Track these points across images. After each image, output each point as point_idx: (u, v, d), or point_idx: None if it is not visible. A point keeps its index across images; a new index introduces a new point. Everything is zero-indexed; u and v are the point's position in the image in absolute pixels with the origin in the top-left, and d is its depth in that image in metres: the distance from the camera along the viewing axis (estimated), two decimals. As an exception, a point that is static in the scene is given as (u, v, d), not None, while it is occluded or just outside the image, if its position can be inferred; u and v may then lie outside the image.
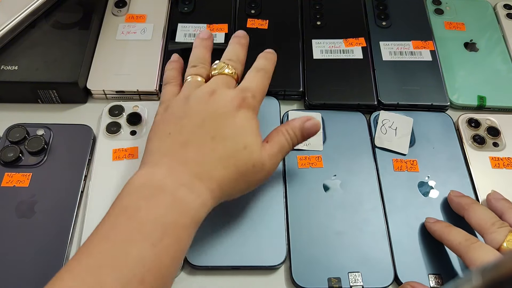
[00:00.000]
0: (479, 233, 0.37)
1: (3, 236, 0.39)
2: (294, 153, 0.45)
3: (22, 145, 0.43)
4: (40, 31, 0.49)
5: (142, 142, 0.44)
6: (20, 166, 0.43)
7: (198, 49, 0.42)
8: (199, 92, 0.37)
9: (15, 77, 0.46)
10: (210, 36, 0.44)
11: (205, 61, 0.41)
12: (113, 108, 0.47)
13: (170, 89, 0.40)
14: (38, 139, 0.44)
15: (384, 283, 0.38)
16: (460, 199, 0.41)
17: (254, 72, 0.40)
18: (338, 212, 0.42)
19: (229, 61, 0.40)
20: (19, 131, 0.44)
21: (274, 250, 0.39)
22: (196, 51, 0.42)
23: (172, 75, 0.42)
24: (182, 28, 0.53)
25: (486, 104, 0.49)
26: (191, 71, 0.40)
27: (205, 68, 0.40)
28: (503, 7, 0.58)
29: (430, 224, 0.40)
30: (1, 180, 0.42)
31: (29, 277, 0.37)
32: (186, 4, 0.55)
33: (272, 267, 0.39)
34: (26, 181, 0.42)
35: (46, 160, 0.43)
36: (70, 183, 0.42)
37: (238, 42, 0.42)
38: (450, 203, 0.42)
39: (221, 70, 0.39)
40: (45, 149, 0.44)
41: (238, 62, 0.40)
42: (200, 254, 0.39)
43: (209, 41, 0.43)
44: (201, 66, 0.40)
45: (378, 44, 0.53)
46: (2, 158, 0.43)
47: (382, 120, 0.47)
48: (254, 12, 0.55)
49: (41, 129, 0.45)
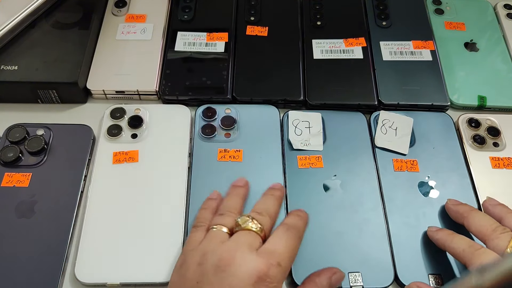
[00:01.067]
0: (481, 240, 0.37)
1: (3, 236, 0.39)
2: (294, 153, 0.45)
3: (22, 145, 0.43)
4: (40, 31, 0.49)
5: (143, 145, 0.44)
6: (20, 166, 0.43)
7: (231, 197, 0.40)
8: (217, 255, 0.33)
9: (15, 77, 0.46)
10: (246, 184, 0.42)
11: (235, 209, 0.39)
12: (114, 110, 0.46)
13: (194, 237, 0.37)
14: (38, 139, 0.44)
15: (384, 283, 0.38)
16: (458, 207, 0.40)
17: (284, 231, 0.36)
18: (338, 212, 0.42)
19: (256, 215, 0.37)
20: (19, 131, 0.44)
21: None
22: (228, 198, 0.40)
23: (204, 216, 0.39)
24: (182, 37, 0.52)
25: (487, 104, 0.49)
26: (217, 219, 0.37)
27: (232, 217, 0.37)
28: (503, 7, 0.58)
29: (433, 232, 0.39)
30: (1, 180, 0.42)
31: (28, 277, 0.37)
32: (186, 12, 0.55)
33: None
34: (26, 181, 0.42)
35: (46, 160, 0.43)
36: (70, 183, 0.42)
37: (272, 194, 0.40)
38: (448, 212, 0.41)
39: (245, 225, 0.35)
40: (45, 149, 0.44)
41: (267, 216, 0.37)
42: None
43: (244, 189, 0.41)
44: (228, 214, 0.38)
45: (378, 44, 0.53)
46: (2, 158, 0.43)
47: (382, 120, 0.47)
48: (254, 18, 0.54)
49: (41, 129, 0.45)
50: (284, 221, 0.37)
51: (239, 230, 0.36)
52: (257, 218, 0.36)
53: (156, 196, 0.42)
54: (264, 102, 0.48)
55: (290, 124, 0.47)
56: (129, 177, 0.43)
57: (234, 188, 0.41)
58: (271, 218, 0.38)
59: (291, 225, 0.37)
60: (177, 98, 0.48)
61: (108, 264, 0.38)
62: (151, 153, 0.44)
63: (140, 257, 0.39)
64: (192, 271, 0.34)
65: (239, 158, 0.44)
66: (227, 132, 0.46)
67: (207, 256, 0.34)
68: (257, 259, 0.33)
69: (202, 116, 0.47)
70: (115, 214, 0.41)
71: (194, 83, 0.49)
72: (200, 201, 0.41)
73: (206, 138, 0.45)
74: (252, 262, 0.33)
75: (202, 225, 0.38)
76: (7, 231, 0.39)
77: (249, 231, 0.35)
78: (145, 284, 0.38)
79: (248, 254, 0.33)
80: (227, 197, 0.40)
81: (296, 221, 0.37)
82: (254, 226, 0.35)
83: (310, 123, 0.47)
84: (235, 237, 0.35)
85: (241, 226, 0.36)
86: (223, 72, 0.50)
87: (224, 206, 0.39)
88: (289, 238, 0.35)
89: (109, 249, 0.39)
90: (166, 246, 0.39)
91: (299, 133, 0.46)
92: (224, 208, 0.39)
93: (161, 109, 0.47)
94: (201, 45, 0.52)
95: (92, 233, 0.40)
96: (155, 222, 0.40)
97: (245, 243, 0.34)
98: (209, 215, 0.39)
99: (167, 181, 0.43)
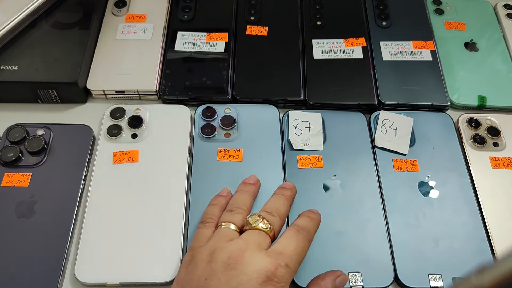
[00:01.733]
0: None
1: (3, 236, 0.39)
2: (294, 153, 0.45)
3: (22, 145, 0.43)
4: (40, 31, 0.49)
5: (143, 145, 0.44)
6: (20, 166, 0.43)
7: (240, 194, 0.40)
8: (226, 253, 0.33)
9: (15, 77, 0.46)
10: (257, 181, 0.42)
11: (244, 206, 0.39)
12: (114, 110, 0.46)
13: (203, 233, 0.37)
14: (38, 139, 0.44)
15: (384, 283, 0.38)
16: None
17: (294, 232, 0.36)
18: (338, 212, 0.42)
19: (266, 214, 0.37)
20: (19, 131, 0.44)
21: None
22: (238, 195, 0.40)
23: (212, 212, 0.39)
24: (182, 37, 0.52)
25: (487, 104, 0.49)
26: (226, 216, 0.37)
27: (242, 214, 0.38)
28: (503, 7, 0.58)
29: None
30: (1, 180, 0.42)
31: (29, 277, 0.37)
32: (186, 12, 0.55)
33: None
34: (26, 181, 0.42)
35: (46, 160, 0.43)
36: (70, 183, 0.42)
37: (283, 194, 0.40)
38: None
39: (256, 224, 0.36)
40: (45, 149, 0.44)
41: (277, 216, 0.37)
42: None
43: (254, 187, 0.41)
44: (238, 211, 0.38)
45: (378, 44, 0.53)
46: (2, 158, 0.43)
47: (382, 120, 0.47)
48: (254, 18, 0.54)
49: (41, 129, 0.45)
50: (295, 221, 0.38)
51: (249, 229, 0.36)
52: (267, 218, 0.36)
53: (156, 196, 0.42)
54: (264, 102, 0.48)
55: (290, 124, 0.47)
56: (129, 177, 0.43)
57: (244, 185, 0.41)
58: (281, 218, 0.38)
59: (301, 226, 0.37)
60: (177, 98, 0.48)
61: (108, 264, 0.38)
62: (151, 153, 0.44)
63: (140, 257, 0.39)
64: (201, 268, 0.33)
65: (239, 158, 0.44)
66: (227, 132, 0.46)
67: (216, 253, 0.34)
68: (266, 258, 0.33)
69: (202, 116, 0.47)
70: (115, 214, 0.41)
71: (194, 83, 0.49)
72: (200, 201, 0.41)
73: (206, 138, 0.45)
74: (261, 261, 0.33)
75: (210, 221, 0.38)
76: (7, 231, 0.39)
77: (259, 230, 0.35)
78: (145, 284, 0.38)
79: (257, 253, 0.33)
80: (236, 194, 0.40)
81: (307, 223, 0.37)
82: (264, 226, 0.36)
83: (310, 123, 0.47)
84: (245, 236, 0.35)
85: (252, 225, 0.36)
86: (223, 72, 0.50)
87: (233, 203, 0.39)
88: (298, 240, 0.35)
89: (109, 249, 0.39)
90: (166, 246, 0.39)
91: (299, 133, 0.46)
92: (233, 205, 0.39)
93: (161, 109, 0.47)
94: (201, 45, 0.52)
95: (92, 233, 0.40)
96: (155, 222, 0.40)
97: (255, 243, 0.34)
98: (217, 211, 0.39)
99: (167, 181, 0.43)
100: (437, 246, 0.40)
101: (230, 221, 0.37)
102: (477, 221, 0.42)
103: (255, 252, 0.34)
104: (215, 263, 0.33)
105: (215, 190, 0.42)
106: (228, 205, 0.39)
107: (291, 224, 0.37)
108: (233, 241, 0.35)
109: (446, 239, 0.40)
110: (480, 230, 0.41)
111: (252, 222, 0.36)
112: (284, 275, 0.33)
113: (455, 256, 0.40)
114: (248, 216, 0.37)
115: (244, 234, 0.36)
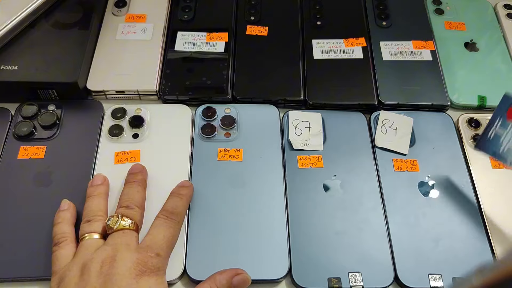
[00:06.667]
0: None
1: (23, 204, 0.41)
2: (294, 153, 0.45)
3: (35, 120, 0.45)
4: (40, 31, 0.49)
5: (144, 145, 0.45)
6: (34, 139, 0.44)
7: (91, 200, 0.39)
8: (97, 262, 0.33)
9: (15, 77, 0.46)
10: (104, 180, 0.41)
11: (100, 211, 0.38)
12: (115, 110, 0.47)
13: (61, 254, 0.35)
14: (51, 114, 0.45)
15: (384, 283, 0.38)
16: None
17: (162, 220, 0.37)
18: (338, 212, 0.42)
19: (124, 210, 0.37)
20: (30, 107, 0.46)
21: (277, 262, 0.39)
22: (89, 202, 0.39)
23: (62, 231, 0.37)
24: (182, 37, 0.52)
25: (487, 104, 0.49)
26: (85, 228, 0.37)
27: (100, 221, 0.37)
28: (503, 7, 0.58)
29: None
30: (17, 153, 0.43)
31: (48, 241, 0.38)
32: (186, 12, 0.55)
33: (274, 281, 0.39)
34: (41, 153, 0.44)
35: (59, 133, 0.45)
36: (84, 153, 0.44)
37: (133, 181, 0.40)
38: None
39: (117, 226, 0.36)
40: (57, 124, 0.45)
41: (135, 208, 0.38)
42: (199, 267, 0.38)
43: (103, 186, 0.40)
44: (95, 219, 0.37)
45: (378, 44, 0.53)
46: (17, 132, 0.44)
47: (382, 120, 0.47)
48: (254, 18, 0.54)
49: (52, 105, 0.46)
50: (164, 205, 0.39)
51: (112, 232, 0.36)
52: (126, 214, 0.37)
53: (158, 195, 0.42)
54: (264, 102, 0.48)
55: (290, 124, 0.47)
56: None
57: (94, 189, 0.40)
58: (140, 206, 0.38)
59: (170, 211, 0.38)
60: (177, 98, 0.48)
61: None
62: (153, 153, 0.44)
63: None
64: (74, 284, 0.33)
65: (239, 158, 0.44)
66: (227, 132, 0.46)
67: (87, 266, 0.34)
68: (135, 255, 0.34)
69: (202, 116, 0.47)
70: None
71: (194, 83, 0.49)
72: (200, 201, 0.41)
73: (206, 138, 0.45)
74: (132, 258, 0.34)
75: (63, 240, 0.36)
76: (27, 199, 0.41)
77: (122, 230, 0.36)
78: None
79: (127, 253, 0.34)
80: (88, 201, 0.39)
81: (175, 204, 0.38)
82: (125, 223, 0.36)
83: (310, 123, 0.47)
84: (111, 241, 0.35)
85: (114, 228, 0.36)
86: (223, 72, 0.50)
87: (88, 212, 0.38)
88: (166, 227, 0.37)
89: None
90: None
91: (299, 133, 0.46)
92: (88, 214, 0.38)
93: (162, 109, 0.47)
94: (201, 45, 0.52)
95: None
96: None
97: (122, 244, 0.35)
98: (66, 227, 0.37)
99: (168, 181, 0.42)
100: (437, 246, 0.40)
101: (91, 231, 0.36)
102: (477, 221, 0.42)
103: (125, 252, 0.34)
104: (88, 275, 0.33)
105: (215, 190, 0.42)
106: (83, 215, 0.38)
107: (161, 209, 0.38)
108: (100, 249, 0.35)
109: (446, 239, 0.41)
110: (480, 230, 0.41)
111: (113, 224, 0.36)
112: (156, 264, 0.35)
113: (455, 256, 0.40)
114: (107, 220, 0.36)
115: (109, 239, 0.36)
